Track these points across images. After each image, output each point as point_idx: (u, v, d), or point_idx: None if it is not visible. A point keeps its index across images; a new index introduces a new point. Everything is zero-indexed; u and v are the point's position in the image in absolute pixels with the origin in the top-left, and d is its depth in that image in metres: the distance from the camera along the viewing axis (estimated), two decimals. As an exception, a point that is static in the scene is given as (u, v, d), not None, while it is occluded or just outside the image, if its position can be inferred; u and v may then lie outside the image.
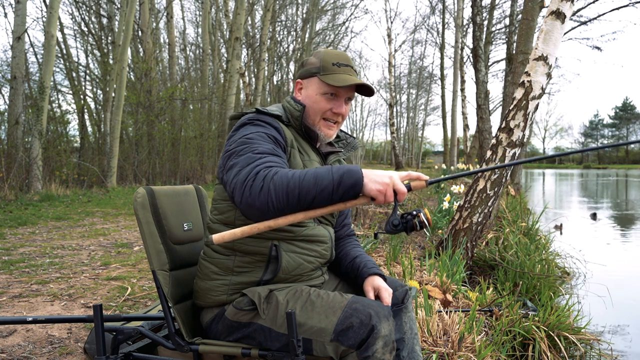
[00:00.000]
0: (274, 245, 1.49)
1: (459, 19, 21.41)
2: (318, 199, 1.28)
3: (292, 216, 1.30)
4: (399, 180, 1.31)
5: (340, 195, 1.28)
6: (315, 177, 1.28)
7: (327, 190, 1.27)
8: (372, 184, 1.29)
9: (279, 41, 23.53)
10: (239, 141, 1.43)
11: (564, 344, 2.89)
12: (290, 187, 1.26)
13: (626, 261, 6.64)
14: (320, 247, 1.57)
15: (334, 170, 1.29)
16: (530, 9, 8.62)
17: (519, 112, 4.45)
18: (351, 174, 1.28)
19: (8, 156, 9.41)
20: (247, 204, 1.29)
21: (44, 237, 5.40)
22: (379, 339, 1.31)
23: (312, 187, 1.27)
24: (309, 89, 1.61)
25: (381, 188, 1.29)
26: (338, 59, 1.59)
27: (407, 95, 45.12)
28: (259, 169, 1.31)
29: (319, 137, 1.63)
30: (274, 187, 1.26)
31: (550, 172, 56.27)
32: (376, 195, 1.29)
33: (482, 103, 11.22)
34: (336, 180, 1.27)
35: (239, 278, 1.51)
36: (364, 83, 1.55)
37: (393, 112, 28.21)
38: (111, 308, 2.96)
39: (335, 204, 1.31)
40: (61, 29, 14.99)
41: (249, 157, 1.35)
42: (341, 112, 1.60)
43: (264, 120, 1.50)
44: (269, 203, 1.27)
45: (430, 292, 3.13)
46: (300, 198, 1.27)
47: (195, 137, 15.39)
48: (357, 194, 1.30)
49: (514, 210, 7.73)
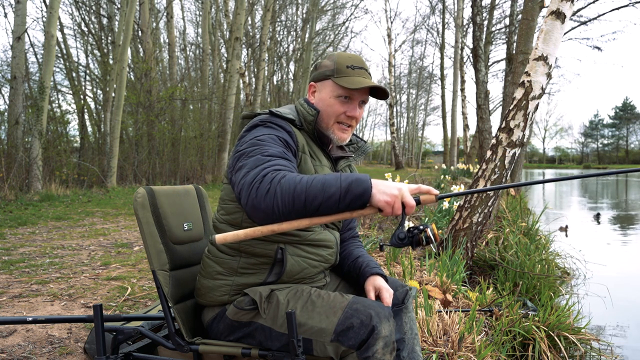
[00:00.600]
0: (280, 248, 1.48)
1: (459, 19, 21.41)
2: (324, 205, 1.26)
3: (297, 222, 1.28)
4: (409, 193, 1.29)
5: (347, 203, 1.26)
6: (323, 184, 1.26)
7: (334, 198, 1.25)
8: (380, 194, 1.26)
9: (279, 41, 23.54)
10: (249, 142, 1.42)
11: (564, 344, 2.89)
12: (297, 191, 1.25)
13: (626, 261, 6.64)
14: (325, 251, 1.57)
15: (342, 177, 1.27)
16: (530, 9, 8.62)
17: (519, 112, 4.45)
18: (359, 182, 1.26)
19: (8, 156, 9.41)
20: (253, 206, 1.27)
21: (44, 237, 5.40)
22: (379, 339, 1.31)
23: (319, 193, 1.25)
24: (323, 92, 1.60)
25: (389, 200, 1.26)
26: (352, 61, 1.58)
27: (407, 95, 45.17)
28: (266, 171, 1.29)
29: (332, 141, 1.62)
30: (280, 191, 1.25)
31: (550, 172, 56.26)
32: (383, 207, 1.27)
33: (482, 103, 11.22)
34: (344, 188, 1.25)
35: (243, 279, 1.51)
36: (379, 86, 1.54)
37: (393, 112, 28.23)
38: (111, 308, 2.96)
39: (342, 212, 1.29)
40: (61, 29, 14.98)
41: (257, 159, 1.34)
42: (355, 115, 1.58)
43: (276, 123, 1.49)
44: (275, 206, 1.25)
45: (430, 292, 3.13)
46: (306, 203, 1.25)
47: (195, 137, 15.38)
48: (365, 203, 1.27)
49: (514, 210, 7.73)
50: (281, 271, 1.49)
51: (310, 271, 1.54)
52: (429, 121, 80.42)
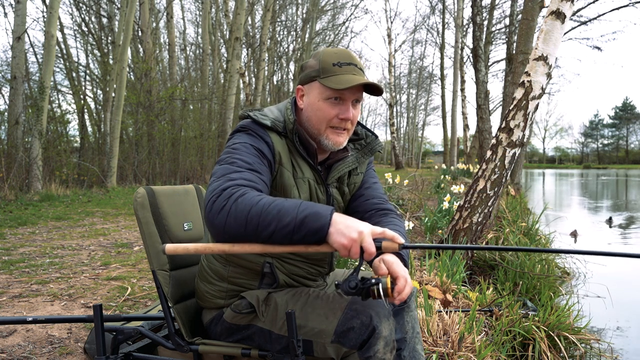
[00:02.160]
0: (268, 263, 1.45)
1: (459, 19, 21.41)
2: (277, 234, 1.16)
3: (250, 246, 1.20)
4: (370, 237, 1.17)
5: (301, 236, 1.16)
6: (279, 210, 1.16)
7: (288, 229, 1.15)
8: (337, 235, 1.15)
9: (279, 41, 23.54)
10: (226, 149, 1.39)
11: (564, 344, 2.88)
12: (251, 214, 1.16)
13: (626, 261, 6.64)
14: (317, 263, 1.56)
15: (301, 207, 1.17)
16: (530, 9, 8.62)
17: (519, 112, 4.45)
18: (317, 217, 1.15)
19: (8, 156, 9.41)
20: (207, 220, 1.21)
21: (44, 237, 5.40)
22: (380, 339, 1.30)
23: (273, 221, 1.15)
24: (311, 95, 1.46)
25: (346, 243, 1.15)
26: (339, 57, 1.43)
27: (407, 95, 45.15)
28: (227, 184, 1.22)
29: (325, 147, 1.48)
30: (234, 210, 1.17)
31: (550, 172, 56.25)
32: (339, 249, 1.16)
33: (482, 103, 11.22)
34: (299, 220, 1.15)
35: (235, 287, 1.51)
36: (369, 82, 1.40)
37: (393, 112, 28.22)
38: (111, 308, 2.96)
39: (296, 245, 1.18)
40: (61, 29, 14.98)
41: (224, 169, 1.29)
42: (348, 117, 1.44)
43: (255, 132, 1.41)
44: (227, 225, 1.18)
45: (430, 292, 3.13)
46: (258, 229, 1.16)
47: (195, 137, 15.39)
48: (321, 240, 1.17)
49: (514, 210, 7.73)
50: (272, 282, 1.48)
51: (306, 278, 1.54)
52: (429, 121, 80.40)
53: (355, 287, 1.22)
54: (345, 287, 1.23)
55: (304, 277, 1.54)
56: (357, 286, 1.23)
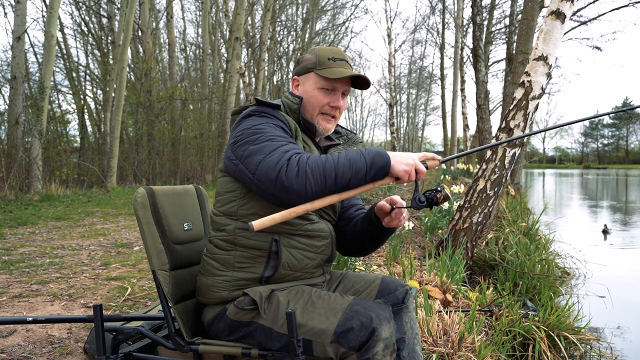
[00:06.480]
0: (275, 240, 1.49)
1: (459, 19, 21.40)
2: (354, 180, 1.35)
3: (328, 198, 1.36)
4: (419, 160, 1.43)
5: (372, 176, 1.37)
6: (349, 160, 1.36)
7: (362, 172, 1.36)
8: (399, 165, 1.39)
9: (279, 41, 23.52)
10: (249, 131, 1.44)
11: (564, 344, 2.89)
12: (327, 170, 1.33)
13: (626, 261, 6.64)
14: (320, 242, 1.57)
15: (364, 153, 1.38)
16: (530, 9, 8.63)
17: (519, 112, 4.45)
18: (381, 156, 1.39)
19: (8, 156, 9.41)
20: (283, 189, 1.31)
21: (44, 237, 5.40)
22: (379, 341, 1.31)
23: (348, 170, 1.34)
24: (306, 85, 1.64)
25: (407, 169, 1.40)
26: (333, 54, 1.63)
27: (407, 95, 45.07)
28: (289, 154, 1.34)
29: (317, 130, 1.66)
30: (311, 171, 1.31)
31: (550, 171, 56.24)
32: (402, 175, 1.40)
33: (482, 103, 11.22)
34: (369, 162, 1.37)
35: (240, 274, 1.51)
36: (360, 75, 1.60)
37: (393, 112, 28.20)
38: (111, 308, 2.96)
39: (366, 185, 1.39)
40: (61, 29, 14.98)
41: (269, 145, 1.37)
42: (338, 105, 1.63)
43: (268, 112, 1.52)
44: (308, 186, 1.31)
45: (430, 292, 3.13)
46: (337, 180, 1.34)
47: (195, 137, 15.39)
48: (386, 174, 1.39)
49: (514, 210, 7.73)
50: (277, 264, 1.49)
51: (308, 263, 1.54)
52: (429, 121, 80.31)
53: (424, 201, 1.45)
54: (415, 203, 1.44)
55: (306, 255, 1.54)
56: (426, 199, 1.45)
